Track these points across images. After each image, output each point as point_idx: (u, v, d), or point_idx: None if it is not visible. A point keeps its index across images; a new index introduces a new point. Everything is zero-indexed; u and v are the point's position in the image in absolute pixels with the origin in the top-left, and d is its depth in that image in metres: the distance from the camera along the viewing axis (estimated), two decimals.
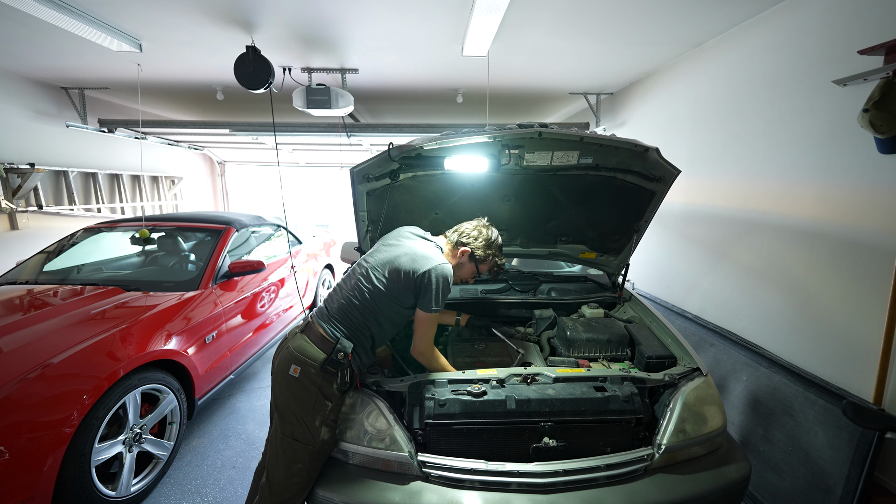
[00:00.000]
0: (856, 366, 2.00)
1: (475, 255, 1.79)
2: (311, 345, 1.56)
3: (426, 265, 1.61)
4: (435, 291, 1.59)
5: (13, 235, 4.27)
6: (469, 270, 1.83)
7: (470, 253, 1.79)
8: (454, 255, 1.81)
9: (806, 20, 2.31)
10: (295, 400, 1.52)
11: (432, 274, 1.59)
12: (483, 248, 1.79)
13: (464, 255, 1.79)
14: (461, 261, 1.81)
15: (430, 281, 1.59)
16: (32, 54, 3.62)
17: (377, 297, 1.62)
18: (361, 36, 3.12)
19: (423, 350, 1.68)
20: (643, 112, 4.18)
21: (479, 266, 1.81)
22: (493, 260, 1.83)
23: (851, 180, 2.04)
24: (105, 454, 2.03)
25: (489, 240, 1.81)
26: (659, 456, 1.51)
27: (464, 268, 1.82)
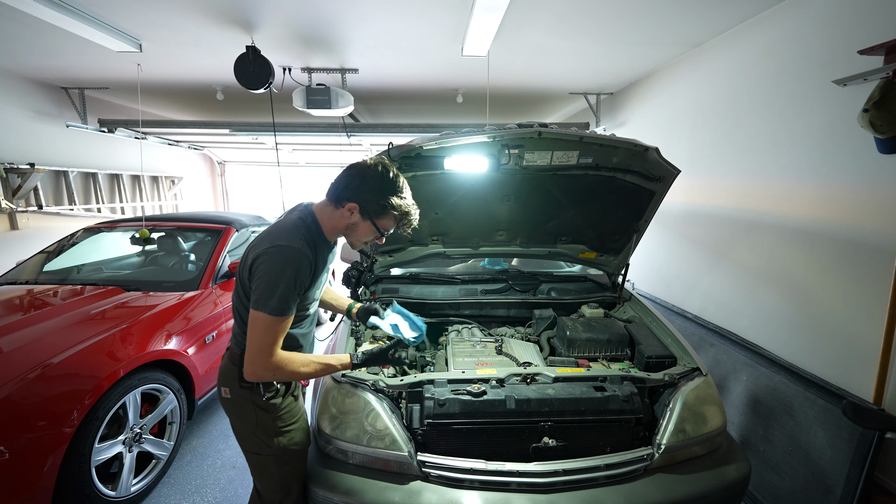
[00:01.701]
0: (856, 366, 2.00)
1: (368, 210, 1.35)
2: (228, 362, 1.44)
3: (262, 245, 1.27)
4: (268, 282, 1.22)
5: (13, 235, 4.27)
6: (365, 231, 1.40)
7: (359, 208, 1.35)
8: (341, 216, 1.37)
9: (806, 20, 2.31)
10: (237, 418, 1.44)
11: (264, 257, 1.25)
12: (377, 198, 1.34)
13: (352, 213, 1.36)
14: (351, 221, 1.37)
15: (261, 266, 1.25)
16: (32, 54, 3.63)
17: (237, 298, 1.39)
18: (361, 36, 3.12)
19: (262, 365, 1.25)
20: (643, 112, 4.18)
21: (377, 223, 1.38)
22: (394, 212, 1.37)
23: (851, 180, 2.04)
24: (105, 454, 2.03)
25: (384, 182, 1.35)
26: (659, 456, 1.51)
27: (357, 229, 1.39)
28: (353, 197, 1.35)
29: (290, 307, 1.27)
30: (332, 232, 1.42)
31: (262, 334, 1.25)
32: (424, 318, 2.34)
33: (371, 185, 1.35)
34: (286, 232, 1.30)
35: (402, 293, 2.50)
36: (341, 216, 1.38)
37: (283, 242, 1.26)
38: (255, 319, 1.24)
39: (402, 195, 1.38)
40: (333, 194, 1.38)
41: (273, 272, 1.24)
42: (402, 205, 1.38)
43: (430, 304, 2.43)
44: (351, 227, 1.40)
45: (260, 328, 1.24)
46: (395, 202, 1.36)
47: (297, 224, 1.34)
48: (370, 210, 1.36)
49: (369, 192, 1.35)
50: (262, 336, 1.25)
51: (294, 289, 1.26)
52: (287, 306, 1.26)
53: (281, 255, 1.25)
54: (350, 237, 1.43)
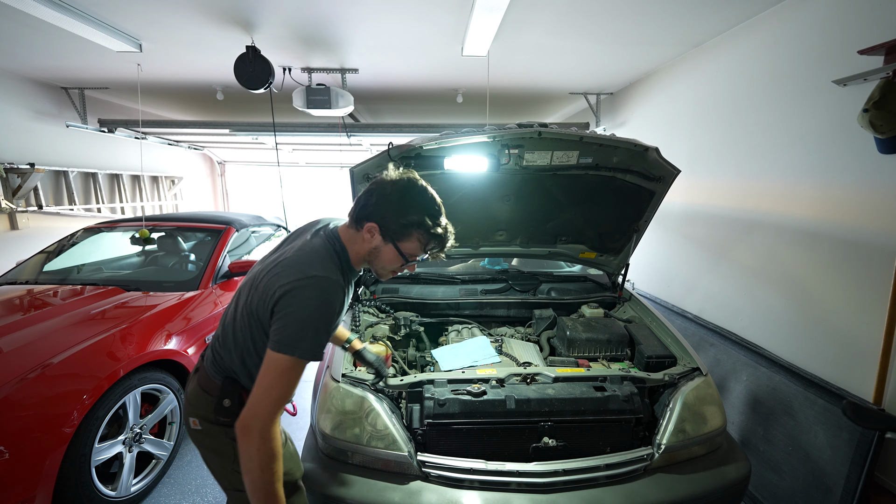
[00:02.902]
0: (856, 366, 2.00)
1: (389, 230, 1.15)
2: (199, 388, 1.25)
3: (292, 275, 1.07)
4: (302, 320, 1.04)
5: (13, 235, 4.27)
6: (390, 257, 1.18)
7: (379, 229, 1.15)
8: (362, 240, 1.18)
9: (806, 20, 2.31)
10: (211, 452, 1.26)
11: (298, 290, 1.05)
12: (397, 217, 1.14)
13: (373, 234, 1.16)
14: (373, 244, 1.17)
15: (294, 301, 1.05)
16: (32, 54, 3.63)
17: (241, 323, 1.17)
18: (361, 36, 3.12)
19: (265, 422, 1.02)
20: (643, 112, 4.18)
21: (400, 247, 1.16)
22: (419, 233, 1.15)
23: (851, 180, 2.04)
24: (105, 454, 2.03)
25: (406, 197, 1.15)
26: (659, 456, 1.51)
27: (380, 255, 1.19)
28: (372, 216, 1.15)
29: (321, 347, 1.07)
30: (358, 260, 1.22)
31: (281, 383, 1.03)
32: (424, 317, 2.35)
33: (391, 201, 1.14)
34: (319, 260, 1.12)
35: (402, 293, 2.50)
36: (362, 240, 1.18)
37: (320, 273, 1.08)
38: (278, 364, 1.02)
39: (429, 213, 1.16)
40: (354, 214, 1.20)
41: (309, 308, 1.04)
42: (428, 224, 1.14)
43: (430, 304, 2.43)
44: (373, 253, 1.19)
45: (279, 374, 1.02)
46: (420, 220, 1.14)
47: (328, 250, 1.16)
48: (391, 231, 1.15)
49: (389, 209, 1.14)
50: (280, 385, 1.03)
51: (331, 329, 1.09)
52: (321, 349, 1.06)
53: (319, 289, 1.06)
54: (375, 265, 1.22)
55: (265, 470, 1.03)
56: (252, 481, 1.03)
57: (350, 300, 1.27)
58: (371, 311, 2.31)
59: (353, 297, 2.28)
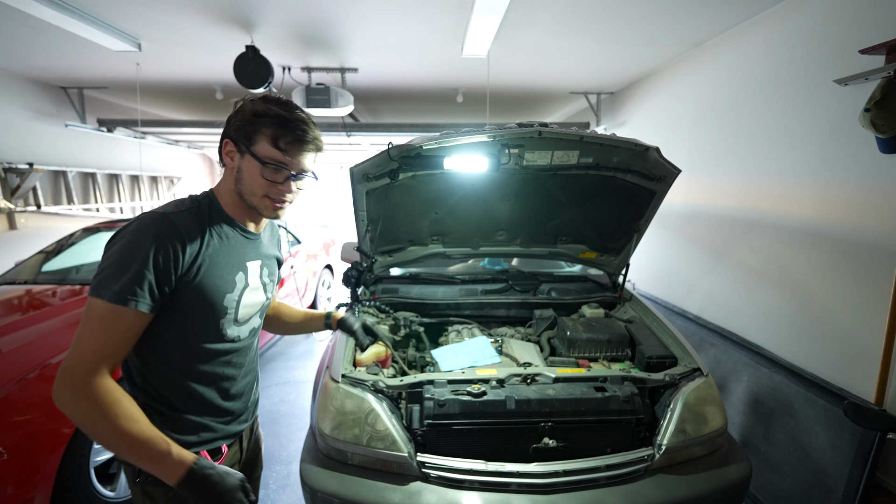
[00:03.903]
0: (857, 366, 1.99)
1: (240, 139, 1.00)
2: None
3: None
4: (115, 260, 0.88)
5: (12, 235, 4.26)
6: (250, 170, 1.00)
7: (233, 143, 1.01)
8: (228, 171, 1.06)
9: (807, 20, 2.31)
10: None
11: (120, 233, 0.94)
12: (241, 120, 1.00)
13: (232, 156, 1.02)
14: (234, 166, 1.02)
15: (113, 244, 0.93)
16: (32, 54, 3.62)
17: None
18: (361, 35, 3.11)
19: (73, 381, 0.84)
20: (644, 111, 4.18)
21: (255, 152, 0.99)
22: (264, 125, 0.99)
23: (852, 180, 2.03)
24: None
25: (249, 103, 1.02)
26: (659, 456, 1.51)
27: (243, 176, 1.01)
28: (226, 133, 1.03)
29: (136, 293, 0.86)
30: (230, 199, 1.06)
31: (91, 331, 0.86)
32: (424, 318, 2.35)
33: (235, 112, 1.03)
34: (161, 205, 1.02)
35: (401, 293, 2.49)
36: (228, 172, 1.05)
37: (148, 213, 0.96)
38: (89, 308, 0.87)
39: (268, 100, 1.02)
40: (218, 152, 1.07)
41: (125, 247, 0.89)
42: (268, 110, 0.99)
43: (430, 305, 2.43)
44: (238, 178, 1.02)
45: (89, 319, 0.86)
46: (260, 110, 0.99)
47: (179, 201, 1.05)
48: (239, 137, 1.00)
49: (235, 119, 1.02)
50: (91, 334, 0.86)
51: (149, 267, 0.88)
52: (132, 289, 0.86)
53: (137, 223, 0.93)
54: (245, 193, 1.03)
55: (104, 425, 0.84)
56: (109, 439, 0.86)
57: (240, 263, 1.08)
58: (371, 311, 2.30)
59: (353, 297, 2.27)
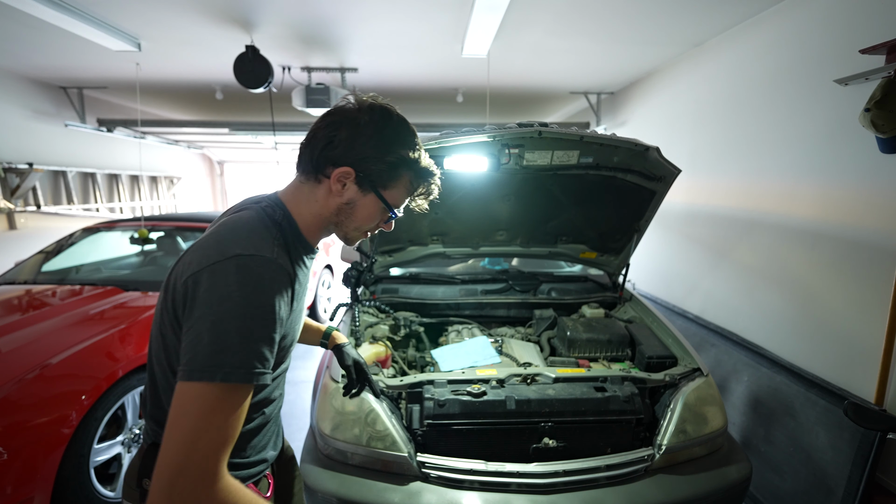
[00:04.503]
0: (857, 366, 1.99)
1: (369, 175, 0.83)
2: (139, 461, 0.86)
3: (199, 261, 0.72)
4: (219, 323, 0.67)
5: (11, 235, 4.26)
6: (369, 212, 0.87)
7: (356, 174, 0.82)
8: (326, 196, 0.84)
9: (807, 19, 2.31)
10: None
11: (209, 278, 0.70)
12: (380, 153, 0.83)
13: (345, 184, 0.83)
14: (346, 198, 0.84)
15: (200, 297, 0.69)
16: (31, 54, 3.62)
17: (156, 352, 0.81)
18: (361, 35, 3.11)
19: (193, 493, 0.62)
20: (644, 111, 4.18)
21: (384, 195, 0.86)
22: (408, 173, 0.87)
23: (853, 180, 2.03)
24: (104, 455, 2.02)
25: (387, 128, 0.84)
26: (659, 456, 1.51)
27: (356, 211, 0.86)
28: (343, 157, 0.81)
29: (265, 363, 0.70)
30: (315, 226, 0.87)
31: (209, 425, 0.64)
32: (424, 318, 2.35)
33: (369, 134, 0.82)
34: (246, 234, 0.76)
35: (401, 293, 2.49)
36: (328, 194, 0.84)
37: (245, 251, 0.72)
38: (192, 398, 0.65)
39: (415, 147, 0.87)
40: (312, 160, 0.83)
41: (230, 301, 0.68)
42: (417, 161, 0.86)
43: (430, 305, 2.43)
44: (345, 211, 0.85)
45: (197, 414, 0.64)
46: (407, 156, 0.85)
47: (263, 221, 0.80)
48: (373, 175, 0.83)
49: (368, 145, 0.81)
50: (200, 429, 0.63)
51: (271, 329, 0.71)
52: (262, 362, 0.70)
53: (245, 273, 0.70)
54: (345, 227, 0.88)
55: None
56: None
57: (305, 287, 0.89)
58: (371, 312, 2.30)
59: (353, 296, 2.27)
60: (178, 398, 0.65)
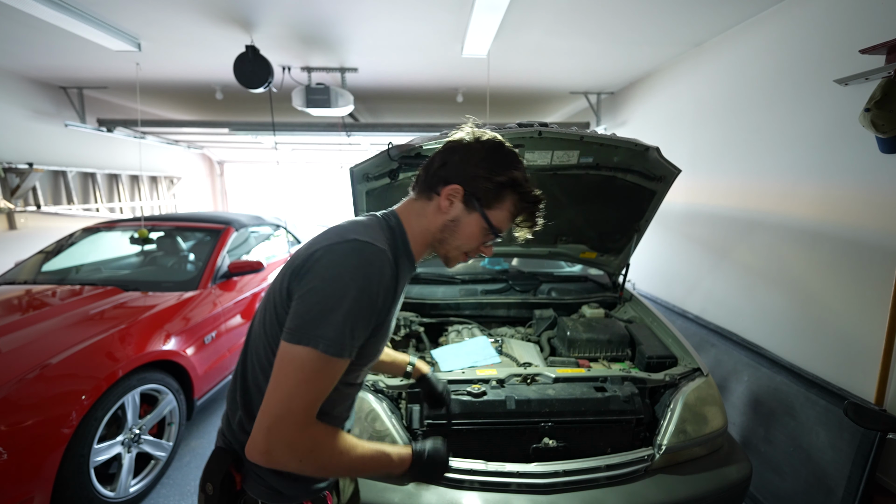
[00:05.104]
0: (857, 366, 1.99)
1: (477, 194, 0.90)
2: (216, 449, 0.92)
3: (319, 242, 0.82)
4: (328, 296, 0.75)
5: (11, 235, 4.26)
6: (472, 231, 0.92)
7: (464, 192, 0.89)
8: (435, 211, 0.92)
9: (807, 19, 2.31)
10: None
11: (326, 256, 0.79)
12: (489, 174, 0.89)
13: (452, 201, 0.90)
14: (452, 214, 0.91)
15: (318, 269, 0.78)
16: (31, 54, 3.61)
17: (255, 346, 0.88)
18: (361, 35, 3.11)
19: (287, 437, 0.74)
20: (644, 111, 4.18)
21: (489, 215, 0.90)
22: (514, 197, 0.92)
23: (853, 180, 2.03)
24: (104, 455, 2.02)
25: (498, 154, 0.93)
26: (659, 456, 1.51)
27: (460, 228, 0.92)
28: (454, 176, 0.89)
29: (355, 341, 0.78)
30: (422, 241, 0.94)
31: (298, 383, 0.74)
32: (424, 318, 2.35)
33: (480, 157, 0.90)
34: (364, 227, 0.86)
35: None
36: (437, 210, 0.91)
37: (361, 237, 0.81)
38: (292, 359, 0.75)
39: (524, 173, 0.93)
40: (425, 178, 0.94)
41: (341, 279, 0.76)
42: (525, 185, 0.91)
43: (430, 305, 2.43)
44: (450, 227, 0.91)
45: (297, 373, 0.74)
46: (515, 180, 0.90)
47: (379, 222, 0.90)
48: (480, 193, 0.89)
49: (479, 167, 0.89)
50: (297, 386, 0.74)
51: (369, 313, 0.79)
52: (353, 338, 0.77)
53: (359, 255, 0.79)
54: (448, 244, 0.94)
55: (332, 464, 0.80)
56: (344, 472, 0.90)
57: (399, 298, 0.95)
58: None
59: None
60: (282, 358, 0.76)
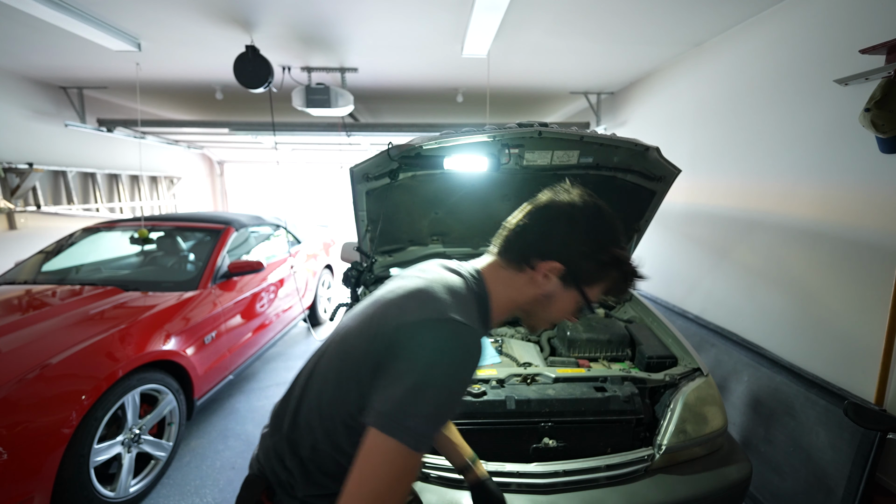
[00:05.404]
0: (857, 366, 1.99)
1: (578, 272, 0.85)
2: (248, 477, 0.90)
3: (414, 311, 0.76)
4: (422, 380, 0.69)
5: (11, 235, 4.25)
6: (566, 305, 0.88)
7: (564, 269, 0.84)
8: (528, 284, 0.87)
9: (807, 19, 2.31)
10: None
11: (420, 333, 0.73)
12: (594, 254, 0.84)
13: (550, 278, 0.85)
14: (546, 290, 0.86)
15: (408, 346, 0.73)
16: (31, 54, 3.61)
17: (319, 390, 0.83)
18: (361, 35, 3.11)
19: None
20: (644, 111, 4.18)
21: (586, 292, 0.86)
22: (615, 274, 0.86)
23: (853, 180, 2.03)
24: (104, 455, 2.02)
25: (601, 227, 0.86)
26: (659, 456, 1.51)
27: (553, 303, 0.88)
28: (556, 253, 0.84)
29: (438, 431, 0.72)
30: (504, 309, 0.89)
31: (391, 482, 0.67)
32: None
33: (583, 232, 0.84)
34: (459, 300, 0.79)
35: None
36: (529, 284, 0.86)
37: (461, 317, 0.75)
38: (383, 452, 0.67)
39: (625, 244, 0.88)
40: (517, 250, 0.88)
41: (437, 368, 0.70)
42: (626, 262, 0.86)
43: None
44: (542, 302, 0.87)
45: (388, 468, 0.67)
46: (618, 258, 0.85)
47: (471, 290, 0.84)
48: (581, 272, 0.84)
49: (583, 245, 0.84)
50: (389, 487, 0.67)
51: (459, 402, 0.76)
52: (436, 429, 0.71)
53: (458, 341, 0.73)
54: (536, 316, 0.91)
55: None
56: None
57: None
58: None
59: (353, 297, 2.27)
60: (373, 450, 0.68)
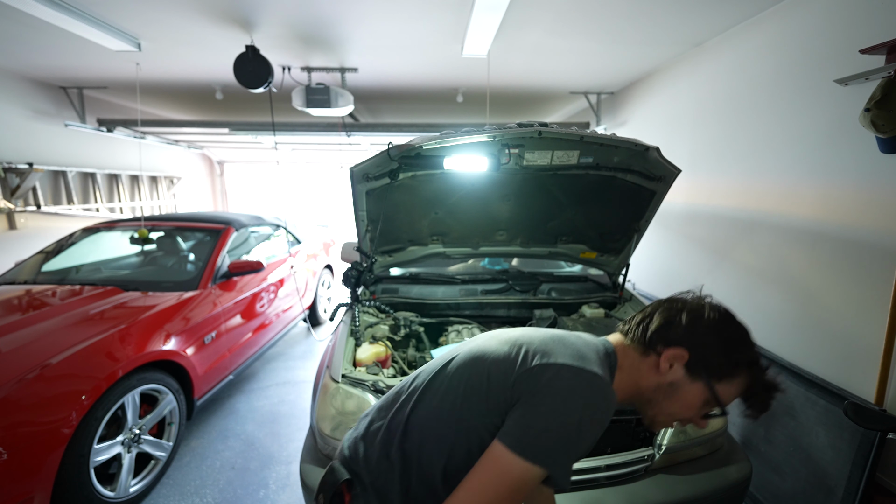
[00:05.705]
0: (857, 366, 1.99)
1: (704, 363, 0.85)
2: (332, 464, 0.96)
3: (561, 356, 0.81)
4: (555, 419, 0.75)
5: (11, 235, 4.25)
6: (691, 401, 0.86)
7: (689, 357, 0.85)
8: (649, 368, 0.88)
9: (807, 19, 2.31)
10: None
11: (564, 379, 0.78)
12: (724, 347, 0.85)
13: (672, 365, 0.86)
14: (670, 378, 0.86)
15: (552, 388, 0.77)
16: (31, 54, 3.61)
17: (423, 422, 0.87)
18: (361, 35, 3.11)
19: None
20: (644, 111, 4.18)
21: (716, 389, 0.85)
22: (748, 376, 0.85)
23: (853, 180, 2.03)
24: (104, 455, 2.02)
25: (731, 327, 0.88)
26: (659, 456, 1.51)
27: (677, 395, 0.87)
28: (681, 340, 0.85)
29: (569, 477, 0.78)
30: (627, 391, 0.90)
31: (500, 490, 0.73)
32: (425, 318, 2.35)
33: (711, 326, 0.85)
34: (599, 358, 0.84)
35: (401, 293, 2.49)
36: (651, 369, 0.87)
37: (599, 371, 0.80)
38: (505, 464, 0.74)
39: (757, 354, 0.87)
40: (641, 334, 0.89)
41: (576, 412, 0.75)
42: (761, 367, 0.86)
43: (430, 305, 2.43)
44: (664, 391, 0.87)
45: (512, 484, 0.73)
46: (753, 359, 0.85)
47: (608, 360, 0.88)
48: (709, 365, 0.84)
49: (710, 337, 0.84)
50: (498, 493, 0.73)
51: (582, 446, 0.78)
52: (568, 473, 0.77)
53: (599, 395, 0.78)
54: (657, 406, 0.89)
55: None
56: None
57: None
58: (371, 312, 2.30)
59: (353, 297, 2.27)
60: (491, 453, 0.76)
